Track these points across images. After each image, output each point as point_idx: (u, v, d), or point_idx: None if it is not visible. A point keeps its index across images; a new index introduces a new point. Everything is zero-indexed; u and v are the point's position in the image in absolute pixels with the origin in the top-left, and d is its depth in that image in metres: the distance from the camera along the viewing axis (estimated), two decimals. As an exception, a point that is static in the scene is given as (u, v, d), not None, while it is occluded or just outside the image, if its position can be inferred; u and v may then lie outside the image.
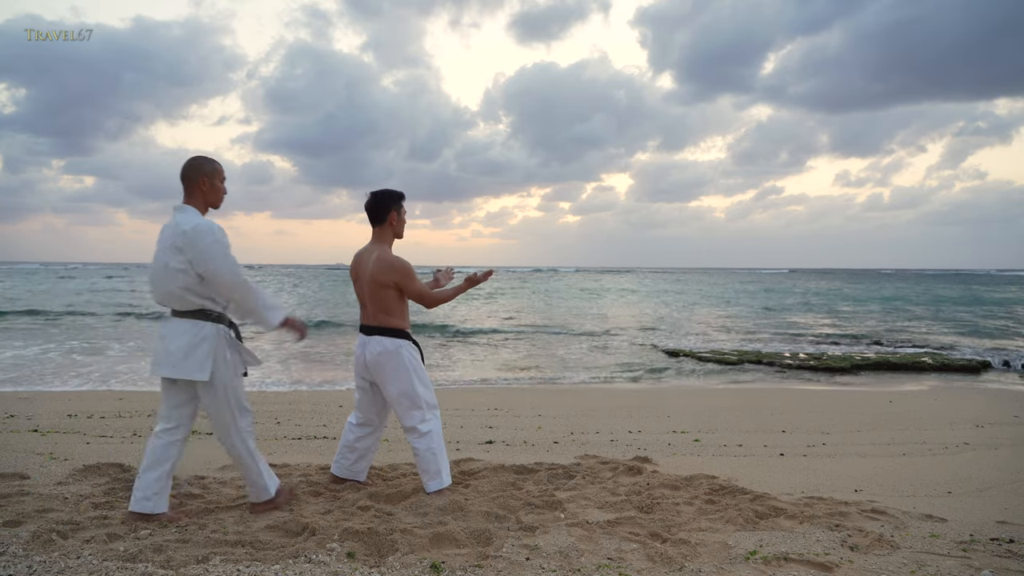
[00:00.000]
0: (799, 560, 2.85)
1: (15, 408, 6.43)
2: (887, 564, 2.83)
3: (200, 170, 3.12)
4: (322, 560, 2.67)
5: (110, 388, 8.59)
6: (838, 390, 9.65)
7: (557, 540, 2.99)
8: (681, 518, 3.38)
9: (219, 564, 2.60)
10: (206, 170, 3.13)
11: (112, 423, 5.79)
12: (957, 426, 6.51)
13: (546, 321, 22.05)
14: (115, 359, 11.68)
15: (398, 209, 3.66)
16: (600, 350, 14.51)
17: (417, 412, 3.61)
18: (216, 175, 3.16)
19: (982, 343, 16.15)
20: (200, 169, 3.12)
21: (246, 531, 3.01)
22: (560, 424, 6.33)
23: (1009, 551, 3.02)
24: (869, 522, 3.40)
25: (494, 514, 3.31)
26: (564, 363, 12.37)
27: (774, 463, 4.86)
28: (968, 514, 3.63)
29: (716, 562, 2.82)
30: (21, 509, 3.19)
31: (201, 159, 3.15)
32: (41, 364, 10.85)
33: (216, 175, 3.16)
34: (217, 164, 3.18)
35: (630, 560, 2.82)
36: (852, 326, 20.74)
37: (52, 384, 8.95)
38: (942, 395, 8.92)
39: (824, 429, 6.31)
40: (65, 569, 2.50)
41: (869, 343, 16.22)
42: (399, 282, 3.55)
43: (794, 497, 3.86)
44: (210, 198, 3.16)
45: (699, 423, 6.51)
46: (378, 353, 3.57)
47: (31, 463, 4.12)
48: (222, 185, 3.20)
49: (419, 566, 2.68)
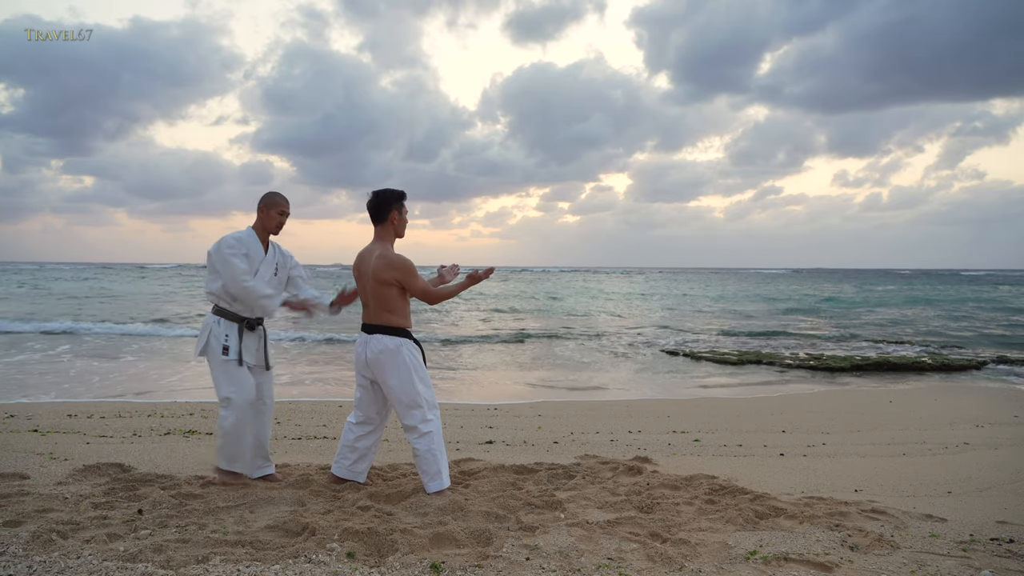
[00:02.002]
0: (799, 560, 2.85)
1: (15, 408, 6.43)
2: (887, 564, 2.83)
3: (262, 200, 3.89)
4: (322, 560, 2.67)
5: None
6: (838, 390, 9.64)
7: (557, 540, 2.99)
8: (681, 518, 3.38)
9: (219, 564, 2.60)
10: (265, 201, 3.88)
11: (112, 423, 5.79)
12: (957, 426, 6.51)
13: (546, 321, 22.05)
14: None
15: (399, 208, 3.67)
16: (599, 350, 14.50)
17: (417, 411, 3.61)
18: (274, 207, 3.87)
19: (981, 343, 16.15)
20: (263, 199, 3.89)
21: (246, 531, 3.01)
22: (560, 424, 6.34)
23: (1009, 551, 3.02)
24: (869, 522, 3.40)
25: (494, 514, 3.31)
26: (564, 363, 12.36)
27: (774, 463, 4.86)
28: (968, 514, 3.63)
29: (716, 562, 2.82)
30: (21, 509, 3.19)
31: (271, 194, 3.90)
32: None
33: (274, 207, 3.87)
34: (277, 197, 3.90)
35: (630, 560, 2.82)
36: (852, 326, 20.74)
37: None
38: (942, 395, 8.92)
39: (824, 429, 6.31)
40: (65, 569, 2.50)
41: (869, 343, 16.22)
42: (401, 279, 3.56)
43: (794, 497, 3.86)
44: (266, 224, 3.89)
45: (699, 423, 6.51)
46: (379, 351, 3.57)
47: (31, 463, 4.12)
48: (278, 215, 3.89)
49: (419, 566, 2.68)
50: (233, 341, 3.77)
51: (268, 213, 3.86)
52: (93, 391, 8.29)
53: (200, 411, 6.49)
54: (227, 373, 3.73)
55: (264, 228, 3.88)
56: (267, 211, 3.86)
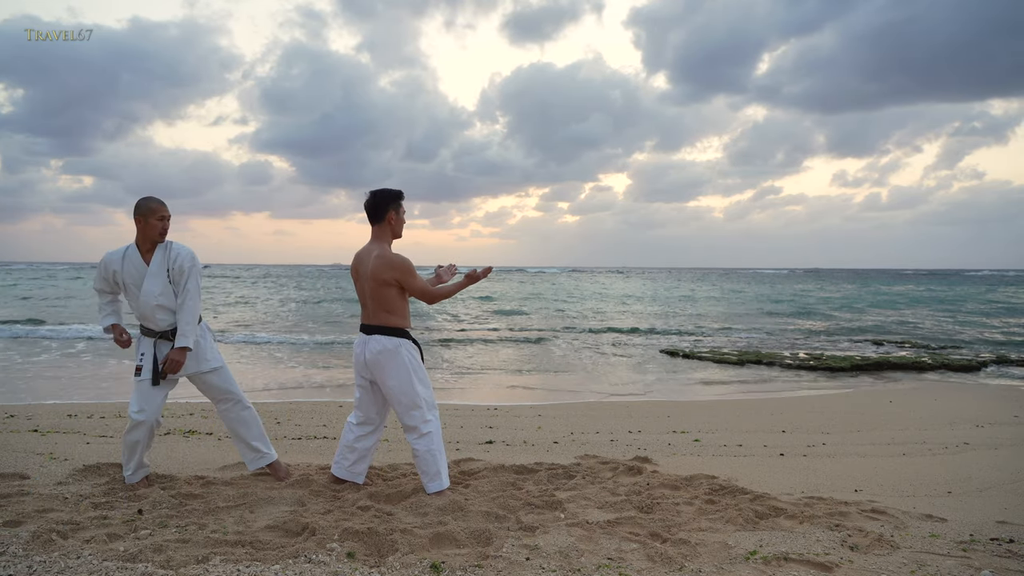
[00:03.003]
0: (799, 560, 2.85)
1: (15, 408, 6.43)
2: (887, 564, 2.83)
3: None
4: (322, 560, 2.67)
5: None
6: (838, 390, 9.65)
7: (557, 540, 2.99)
8: (681, 518, 3.38)
9: (219, 564, 2.60)
10: (141, 210, 3.58)
11: (112, 423, 5.79)
12: (957, 426, 6.51)
13: (546, 321, 22.05)
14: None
15: (396, 208, 3.66)
16: (599, 350, 14.50)
17: (417, 412, 3.61)
18: (152, 214, 3.58)
19: (981, 343, 16.15)
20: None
21: (246, 531, 3.01)
22: (560, 424, 6.33)
23: (1009, 551, 3.02)
24: (869, 522, 3.39)
25: (494, 514, 3.31)
26: (563, 363, 12.36)
27: (774, 463, 4.86)
28: (968, 514, 3.63)
29: (716, 562, 2.82)
30: (21, 509, 3.19)
31: (145, 200, 3.59)
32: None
33: (152, 214, 3.58)
34: (152, 202, 3.59)
35: (630, 560, 2.82)
36: (852, 326, 20.74)
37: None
38: (942, 395, 8.92)
39: (824, 429, 6.31)
40: (65, 569, 2.50)
41: (869, 343, 16.22)
42: (400, 279, 3.55)
43: (794, 497, 3.86)
44: (149, 233, 3.62)
45: (699, 423, 6.51)
46: (378, 352, 3.57)
47: (31, 463, 4.12)
48: (157, 221, 3.60)
49: (419, 566, 2.68)
50: (147, 360, 3.62)
51: (148, 222, 3.57)
52: (93, 391, 8.29)
53: (200, 411, 6.49)
54: (138, 391, 3.61)
55: (146, 238, 3.61)
56: (145, 220, 3.57)
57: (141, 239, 3.62)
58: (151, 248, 3.63)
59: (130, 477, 3.73)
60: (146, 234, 3.59)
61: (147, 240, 3.61)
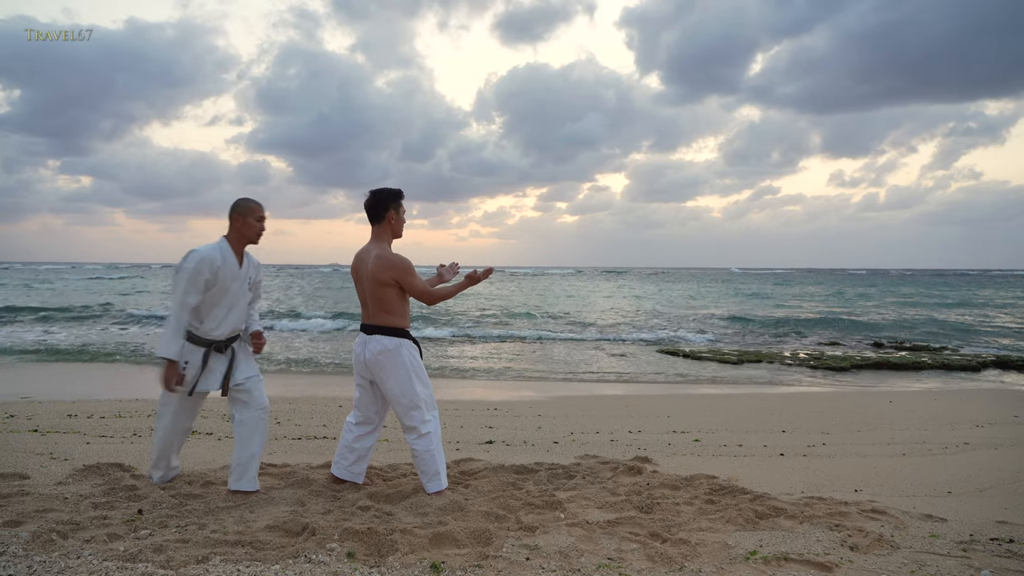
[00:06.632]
0: (799, 560, 2.85)
1: (15, 408, 6.43)
2: (887, 564, 2.83)
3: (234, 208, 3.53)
4: (322, 560, 2.67)
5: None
6: (838, 390, 9.65)
7: (557, 540, 2.99)
8: (681, 518, 3.38)
9: (219, 564, 2.60)
10: (240, 208, 3.52)
11: (112, 423, 5.79)
12: (957, 426, 6.51)
13: (546, 322, 22.04)
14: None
15: (396, 208, 3.65)
16: (600, 351, 14.50)
17: (417, 412, 3.61)
18: (251, 214, 3.53)
19: (981, 344, 16.15)
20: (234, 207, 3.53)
21: (246, 531, 3.01)
22: (560, 424, 6.33)
23: (1009, 551, 3.02)
24: (869, 522, 3.39)
25: (494, 514, 3.31)
26: (564, 364, 12.36)
27: (774, 463, 4.86)
28: (968, 514, 3.63)
29: (716, 562, 2.82)
30: (21, 509, 3.19)
31: (245, 200, 3.55)
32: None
33: (251, 214, 3.53)
34: (251, 203, 3.55)
35: (630, 560, 2.81)
36: (853, 326, 20.73)
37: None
38: (942, 395, 8.92)
39: (824, 429, 6.31)
40: (65, 569, 2.50)
41: (869, 343, 16.22)
42: (399, 279, 3.55)
43: (794, 497, 3.86)
44: (246, 233, 3.55)
45: (699, 423, 6.51)
46: (377, 352, 3.57)
47: (31, 463, 4.12)
48: (256, 221, 3.56)
49: (419, 566, 2.67)
50: (192, 370, 3.44)
51: (246, 221, 3.49)
52: (92, 391, 8.29)
53: (199, 411, 6.48)
54: (167, 396, 3.52)
55: (243, 239, 3.53)
56: (244, 219, 3.49)
57: (236, 239, 3.52)
58: (242, 250, 3.56)
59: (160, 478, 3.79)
60: (243, 234, 3.51)
61: (243, 240, 3.53)
